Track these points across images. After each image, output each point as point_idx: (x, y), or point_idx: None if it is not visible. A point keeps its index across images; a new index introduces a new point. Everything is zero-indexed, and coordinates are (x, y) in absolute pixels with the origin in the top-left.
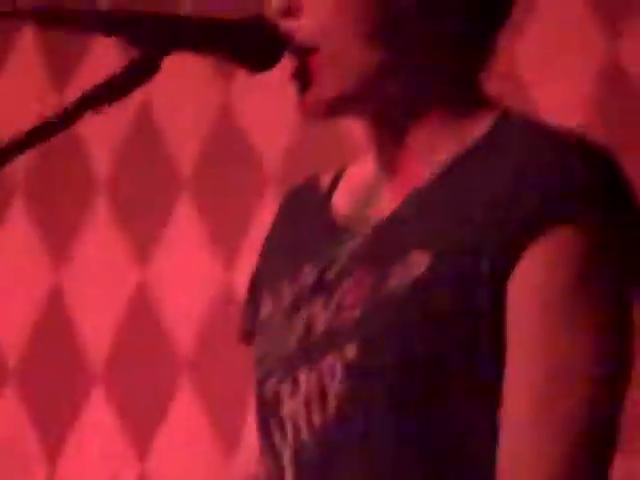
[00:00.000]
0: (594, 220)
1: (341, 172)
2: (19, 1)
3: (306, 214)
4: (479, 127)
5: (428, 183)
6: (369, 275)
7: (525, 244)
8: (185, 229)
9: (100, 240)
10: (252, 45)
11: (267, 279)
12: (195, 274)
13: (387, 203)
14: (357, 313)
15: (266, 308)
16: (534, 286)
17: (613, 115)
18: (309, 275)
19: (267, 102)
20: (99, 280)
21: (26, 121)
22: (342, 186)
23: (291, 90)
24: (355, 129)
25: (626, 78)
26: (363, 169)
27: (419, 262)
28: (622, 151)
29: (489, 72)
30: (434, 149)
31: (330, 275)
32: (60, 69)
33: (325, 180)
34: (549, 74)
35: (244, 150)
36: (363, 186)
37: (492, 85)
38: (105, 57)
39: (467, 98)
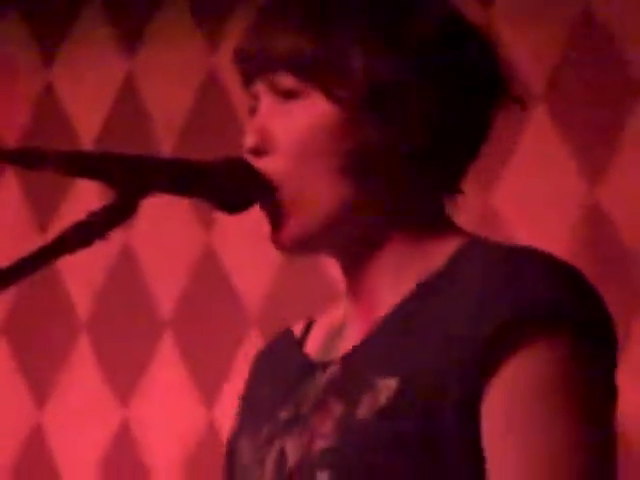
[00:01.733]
0: (563, 331)
1: (312, 321)
2: (1, 142)
3: (280, 362)
4: (444, 252)
5: (393, 311)
6: (340, 405)
7: (496, 362)
8: (167, 369)
9: (82, 378)
10: (227, 187)
11: (245, 434)
12: (177, 414)
13: (355, 333)
14: (329, 442)
15: (245, 455)
16: (508, 400)
17: (593, 260)
18: (285, 412)
19: (249, 243)
20: (81, 419)
21: (8, 260)
22: (314, 332)
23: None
24: (333, 267)
25: (607, 224)
26: (335, 314)
27: (386, 389)
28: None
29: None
30: (399, 277)
31: (304, 409)
32: (42, 209)
33: (297, 330)
34: (527, 223)
35: (226, 291)
36: (334, 326)
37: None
38: (87, 197)
39: (432, 225)
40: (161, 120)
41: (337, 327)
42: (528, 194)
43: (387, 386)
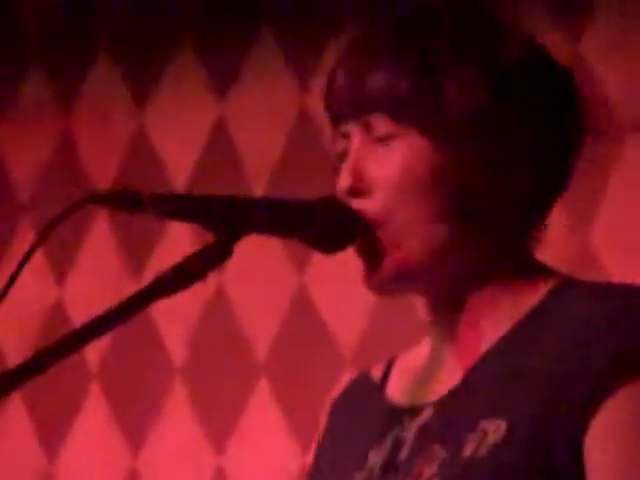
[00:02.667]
0: None
1: (391, 362)
2: (94, 185)
3: (361, 408)
4: (537, 293)
5: (491, 351)
6: (443, 448)
7: (598, 403)
8: (262, 413)
9: (176, 424)
10: (325, 226)
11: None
12: (272, 459)
13: (449, 376)
14: None
15: None
16: (609, 437)
17: None
18: (375, 459)
19: (342, 284)
20: (176, 465)
21: (102, 307)
22: (395, 373)
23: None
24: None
25: None
26: (416, 355)
27: (494, 430)
28: None
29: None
30: (494, 316)
31: (402, 455)
32: (135, 253)
33: (376, 373)
34: (625, 256)
35: (320, 332)
36: (419, 367)
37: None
38: (180, 240)
39: (524, 262)
40: (253, 161)
41: (422, 368)
42: (623, 229)
43: (495, 427)
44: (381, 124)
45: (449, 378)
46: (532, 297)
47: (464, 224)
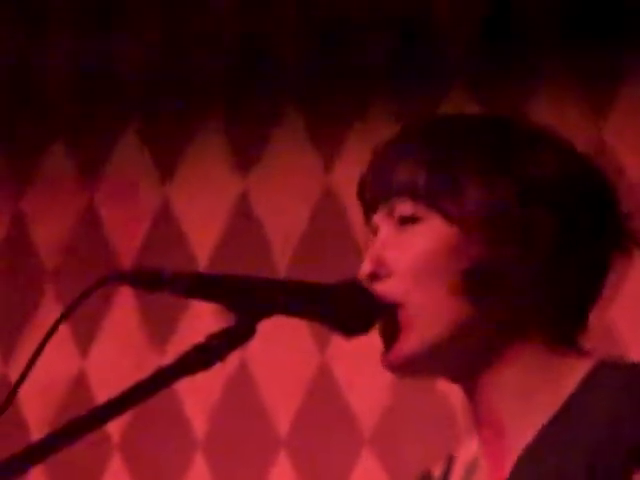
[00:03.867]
0: None
1: (451, 458)
2: (119, 257)
3: None
4: (573, 376)
5: (536, 440)
6: None
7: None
8: None
9: None
10: (346, 311)
11: None
12: None
13: (487, 469)
14: None
15: None
16: None
17: None
18: None
19: (364, 363)
20: None
21: (126, 381)
22: (455, 470)
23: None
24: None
25: None
26: (469, 449)
27: None
28: None
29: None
30: (525, 402)
31: None
32: (158, 327)
33: (437, 471)
34: None
35: (341, 410)
36: (469, 461)
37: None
38: (203, 315)
39: (556, 345)
40: (276, 237)
41: (471, 462)
42: None
43: None
44: (404, 206)
45: (489, 473)
46: (568, 383)
47: (481, 304)
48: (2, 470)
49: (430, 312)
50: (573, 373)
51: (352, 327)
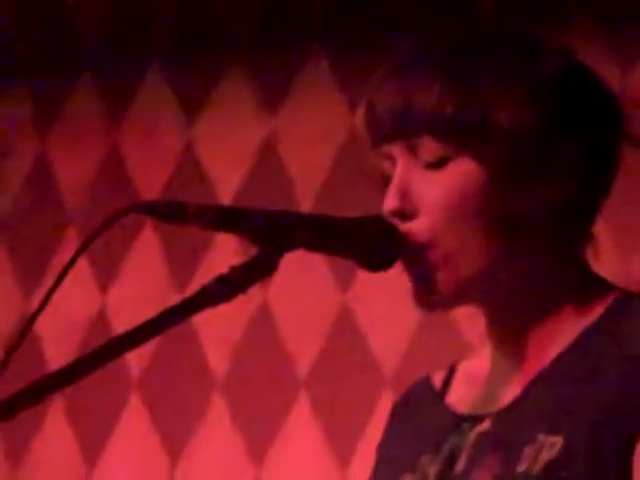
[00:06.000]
0: None
1: (453, 368)
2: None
3: (420, 412)
4: (596, 308)
5: (551, 366)
6: (498, 460)
7: None
8: (301, 429)
9: (216, 437)
10: (370, 244)
11: None
12: (311, 475)
13: (510, 388)
14: None
15: None
16: None
17: None
18: (429, 466)
19: (385, 303)
20: (214, 477)
21: (146, 315)
22: (457, 381)
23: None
24: (469, 330)
25: None
26: (477, 364)
27: (549, 446)
28: None
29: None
30: (554, 329)
31: (459, 466)
32: (181, 263)
33: (437, 379)
34: None
35: (361, 351)
36: (480, 377)
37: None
38: (226, 251)
39: (582, 278)
40: (301, 179)
41: (484, 379)
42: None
43: (551, 443)
44: (429, 147)
45: (510, 390)
46: (592, 312)
47: (513, 238)
48: (20, 398)
49: (463, 251)
50: (599, 303)
51: (376, 262)
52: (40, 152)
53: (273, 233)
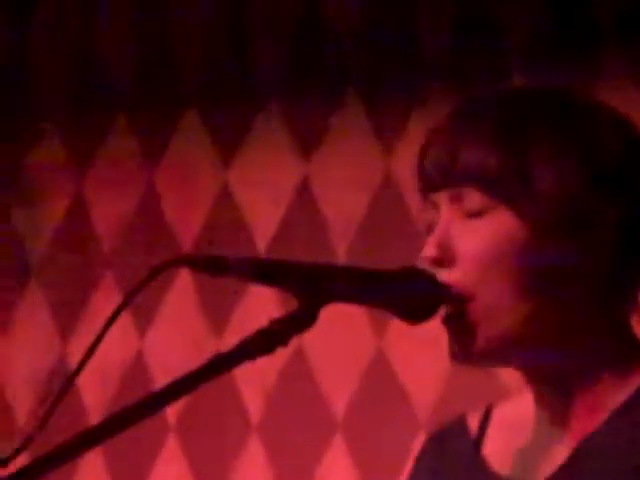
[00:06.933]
0: None
1: (489, 412)
2: (178, 242)
3: (454, 461)
4: (634, 379)
5: (598, 434)
6: None
7: None
8: (337, 472)
9: None
10: (408, 296)
11: None
12: None
13: (557, 455)
14: None
15: None
16: None
17: None
18: None
19: (421, 349)
20: None
21: (183, 364)
22: (494, 429)
23: (444, 337)
24: (505, 373)
25: None
26: (515, 409)
27: None
28: None
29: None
30: (602, 399)
31: None
32: (217, 313)
33: (473, 422)
34: None
35: (397, 396)
36: (521, 430)
37: None
38: (262, 300)
39: (625, 344)
40: (337, 223)
41: (524, 433)
42: None
43: None
44: (473, 198)
45: (555, 458)
46: (633, 381)
47: (548, 304)
48: (59, 453)
49: (495, 309)
50: (635, 376)
51: (415, 314)
52: (76, 195)
53: (312, 286)
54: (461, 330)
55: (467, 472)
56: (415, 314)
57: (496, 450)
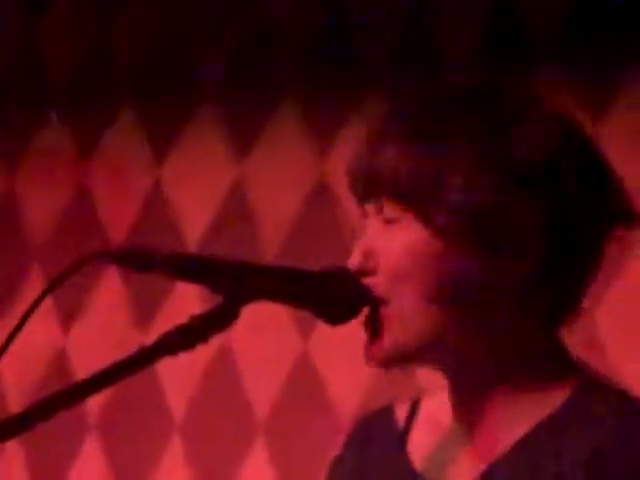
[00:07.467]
0: None
1: (417, 404)
2: (108, 238)
3: (380, 447)
4: (562, 391)
5: (509, 454)
6: None
7: None
8: (257, 475)
9: (172, 479)
10: (332, 298)
11: None
12: None
13: (466, 468)
14: None
15: None
16: None
17: None
18: None
19: (345, 354)
20: None
21: (106, 359)
22: (419, 424)
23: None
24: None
25: None
26: (440, 406)
27: None
28: None
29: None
30: (516, 412)
31: None
32: (142, 307)
33: (401, 412)
34: (633, 344)
35: (320, 400)
36: (441, 424)
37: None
38: (187, 297)
39: (544, 357)
40: (268, 224)
41: (446, 431)
42: (633, 319)
43: None
44: (389, 207)
45: (468, 468)
46: (552, 396)
47: (459, 314)
48: None
49: (405, 316)
50: (560, 390)
51: (337, 314)
52: (7, 189)
53: (236, 283)
54: (373, 332)
55: (390, 465)
56: (337, 314)
57: (419, 446)
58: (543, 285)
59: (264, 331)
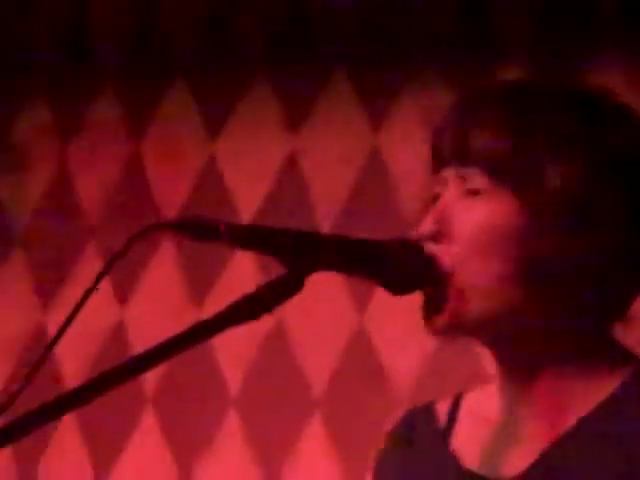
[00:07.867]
0: None
1: (458, 400)
2: (162, 213)
3: (422, 447)
4: (615, 377)
5: (569, 434)
6: None
7: None
8: (314, 449)
9: (229, 453)
10: (398, 268)
11: None
12: None
13: (525, 451)
14: None
15: None
16: None
17: None
18: None
19: (401, 325)
20: None
21: (162, 333)
22: (463, 420)
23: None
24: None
25: None
26: (484, 401)
27: None
28: None
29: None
30: (569, 397)
31: None
32: (198, 281)
33: (442, 409)
34: None
35: (376, 371)
36: (487, 418)
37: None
38: (243, 271)
39: (602, 345)
40: (322, 198)
41: (492, 424)
42: None
43: None
44: (476, 178)
45: (526, 453)
46: (610, 379)
47: (534, 292)
48: (34, 417)
49: (479, 288)
50: (616, 374)
51: (401, 285)
52: (60, 164)
53: (302, 254)
54: (438, 301)
55: (436, 464)
56: (401, 285)
57: (464, 442)
58: (615, 277)
59: (319, 305)
